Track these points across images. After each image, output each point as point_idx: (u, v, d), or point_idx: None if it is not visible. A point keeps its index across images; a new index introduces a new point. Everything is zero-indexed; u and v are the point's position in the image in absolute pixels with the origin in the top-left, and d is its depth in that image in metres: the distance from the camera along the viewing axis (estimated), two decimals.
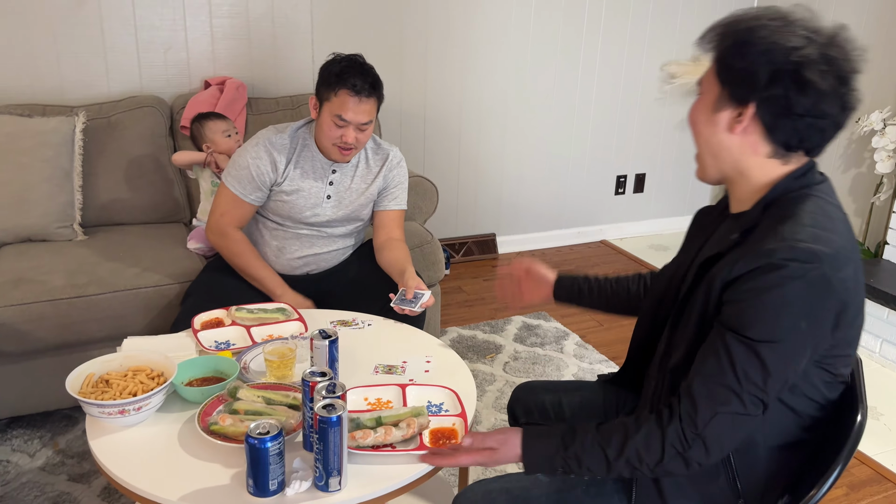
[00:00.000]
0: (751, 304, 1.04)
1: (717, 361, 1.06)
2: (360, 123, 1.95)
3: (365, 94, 1.93)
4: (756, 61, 1.07)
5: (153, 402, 1.43)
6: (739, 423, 1.06)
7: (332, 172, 2.09)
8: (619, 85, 3.83)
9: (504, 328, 3.01)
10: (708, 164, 1.19)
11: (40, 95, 2.79)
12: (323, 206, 2.09)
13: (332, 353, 1.52)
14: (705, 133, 1.16)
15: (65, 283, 2.15)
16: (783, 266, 1.01)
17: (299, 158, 2.07)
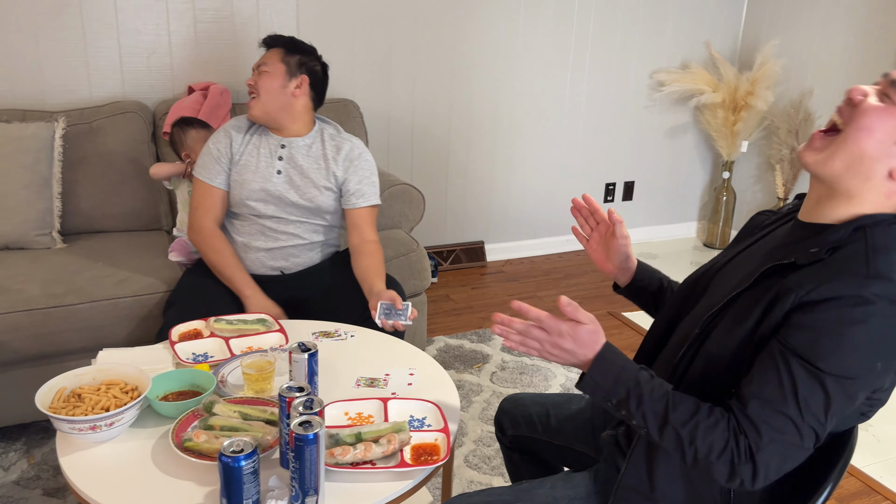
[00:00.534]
0: (829, 335, 0.97)
1: (780, 387, 0.99)
2: (258, 66, 2.08)
3: (266, 45, 2.13)
4: None
5: (126, 418, 1.39)
6: (791, 454, 1.00)
7: (281, 147, 2.11)
8: (609, 92, 3.82)
9: (492, 337, 2.98)
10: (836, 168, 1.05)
11: (21, 100, 2.74)
12: (273, 180, 2.09)
13: (312, 366, 1.48)
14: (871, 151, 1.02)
15: (41, 293, 2.10)
16: (873, 302, 0.95)
17: (253, 136, 2.13)
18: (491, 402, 2.50)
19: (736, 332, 1.07)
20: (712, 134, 3.97)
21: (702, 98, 3.80)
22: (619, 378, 1.08)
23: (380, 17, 3.22)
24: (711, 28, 3.92)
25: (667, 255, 4.01)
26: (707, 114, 3.91)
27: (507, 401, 1.65)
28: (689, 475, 1.15)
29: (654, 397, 1.06)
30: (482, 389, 2.59)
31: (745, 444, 1.00)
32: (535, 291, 3.47)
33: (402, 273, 2.46)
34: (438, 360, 2.77)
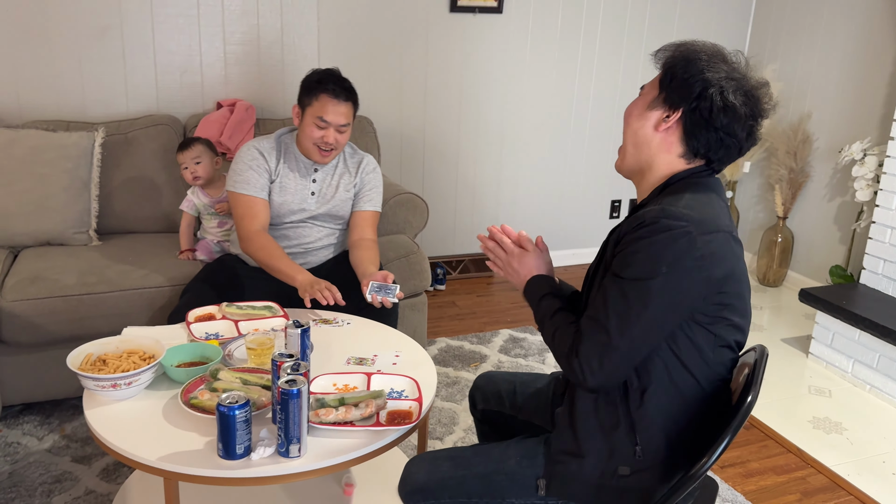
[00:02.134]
0: (626, 251, 1.24)
1: (596, 300, 1.27)
2: (339, 125, 2.19)
3: (343, 97, 2.18)
4: (695, 75, 1.29)
5: (142, 379, 1.61)
6: (606, 353, 1.24)
7: (315, 171, 2.31)
8: (614, 110, 4.00)
9: (491, 340, 3.16)
10: (628, 154, 1.40)
11: (65, 112, 3.03)
12: (308, 200, 2.31)
13: (304, 341, 1.69)
14: (634, 125, 1.37)
15: (76, 282, 2.35)
16: (654, 222, 1.22)
17: (286, 159, 2.29)
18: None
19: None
20: None
21: None
22: (535, 294, 1.46)
23: (394, 40, 3.46)
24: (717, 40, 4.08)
25: None
26: None
27: (481, 377, 1.82)
28: (605, 430, 1.33)
29: (546, 308, 1.40)
30: None
31: (577, 340, 1.27)
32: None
33: (403, 274, 2.66)
34: (438, 359, 2.96)
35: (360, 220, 2.35)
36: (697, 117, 1.29)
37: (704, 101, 1.28)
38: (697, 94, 1.29)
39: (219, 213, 2.65)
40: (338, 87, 2.18)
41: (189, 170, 2.61)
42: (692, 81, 1.29)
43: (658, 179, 1.36)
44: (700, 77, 1.29)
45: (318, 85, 2.19)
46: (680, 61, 1.33)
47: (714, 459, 1.22)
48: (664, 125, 1.32)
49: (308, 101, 2.20)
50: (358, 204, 2.37)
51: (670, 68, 1.34)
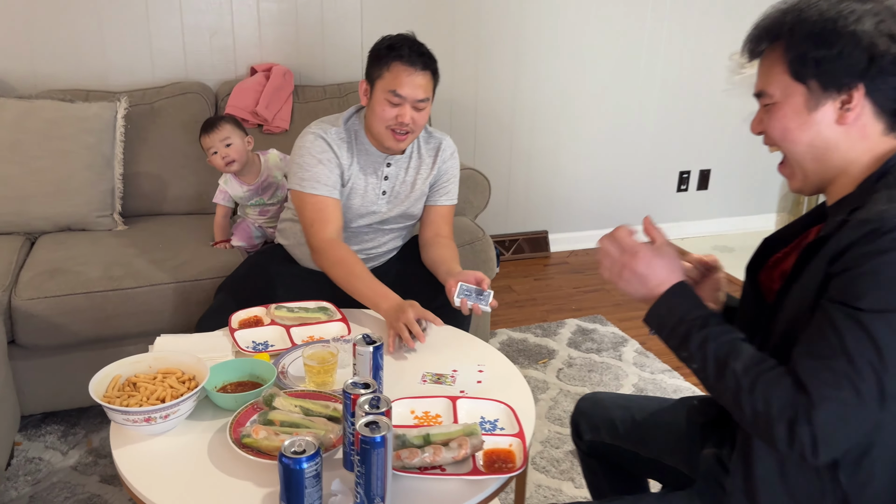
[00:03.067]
0: (860, 270, 0.90)
1: (825, 341, 0.91)
2: (416, 100, 1.79)
3: (419, 65, 1.78)
4: (848, 43, 0.97)
5: (182, 410, 1.31)
6: (853, 416, 0.89)
7: (387, 166, 1.94)
8: (685, 75, 3.61)
9: (557, 331, 2.84)
10: (809, 172, 1.06)
11: (84, 81, 2.72)
12: (378, 202, 1.95)
13: (377, 360, 1.37)
14: (805, 138, 1.03)
15: (101, 275, 2.06)
16: (893, 230, 0.89)
17: (356, 154, 1.91)
18: (558, 401, 2.37)
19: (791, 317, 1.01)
20: None
21: None
22: (687, 316, 1.04)
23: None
24: None
25: (744, 248, 3.78)
26: None
27: (584, 401, 1.51)
28: (795, 495, 1.01)
29: (719, 341, 1.00)
30: (548, 387, 2.45)
31: (805, 405, 0.90)
32: (602, 284, 3.31)
33: (467, 263, 2.33)
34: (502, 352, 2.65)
35: (435, 216, 2.01)
36: (884, 79, 0.98)
37: (880, 56, 0.96)
38: (868, 60, 0.97)
39: (258, 203, 2.34)
40: (413, 52, 1.77)
41: (219, 154, 2.24)
42: (848, 50, 0.97)
43: (862, 172, 1.03)
44: (855, 37, 0.97)
45: (390, 52, 1.80)
46: (807, 38, 0.99)
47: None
48: (849, 115, 1.00)
49: (377, 73, 1.82)
50: (433, 197, 2.01)
51: (801, 55, 1.00)
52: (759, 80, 1.07)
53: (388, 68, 1.80)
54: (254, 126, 2.70)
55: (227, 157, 2.24)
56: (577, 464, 2.07)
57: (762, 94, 1.07)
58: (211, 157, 2.26)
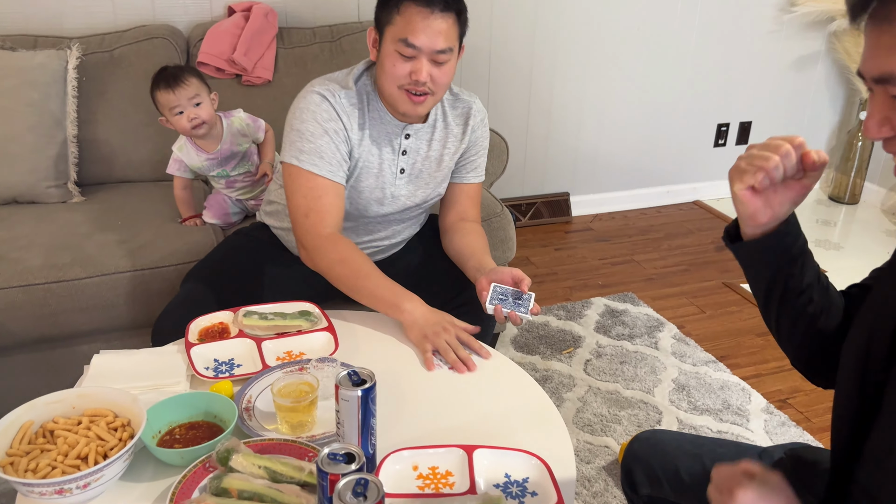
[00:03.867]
0: None
1: None
2: (434, 50, 1.40)
3: (438, 6, 1.38)
4: None
5: (107, 475, 0.98)
6: None
7: (405, 138, 1.55)
8: (726, 16, 3.16)
9: (583, 313, 2.49)
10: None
11: (34, 25, 2.32)
12: (396, 184, 1.57)
13: (367, 406, 1.03)
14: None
15: (42, 263, 1.72)
16: None
17: (369, 123, 1.52)
18: (587, 402, 2.04)
19: None
20: (850, 65, 3.28)
21: (843, 22, 3.12)
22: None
23: None
24: None
25: None
26: (847, 41, 3.23)
27: (639, 442, 1.18)
28: None
29: None
30: (575, 383, 2.12)
31: None
32: (632, 255, 2.95)
33: None
34: (520, 342, 2.32)
35: (460, 195, 1.64)
36: None
37: None
38: None
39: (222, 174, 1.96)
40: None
41: (186, 115, 1.83)
42: None
43: None
44: None
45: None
46: None
47: None
48: None
49: (387, 19, 1.42)
50: (458, 173, 1.63)
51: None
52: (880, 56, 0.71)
53: (398, 11, 1.40)
54: (231, 76, 2.32)
55: (195, 118, 1.84)
56: (612, 485, 1.75)
57: (887, 78, 0.70)
58: (173, 118, 1.85)
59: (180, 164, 1.93)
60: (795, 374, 2.18)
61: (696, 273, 2.80)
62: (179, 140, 1.92)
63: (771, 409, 2.04)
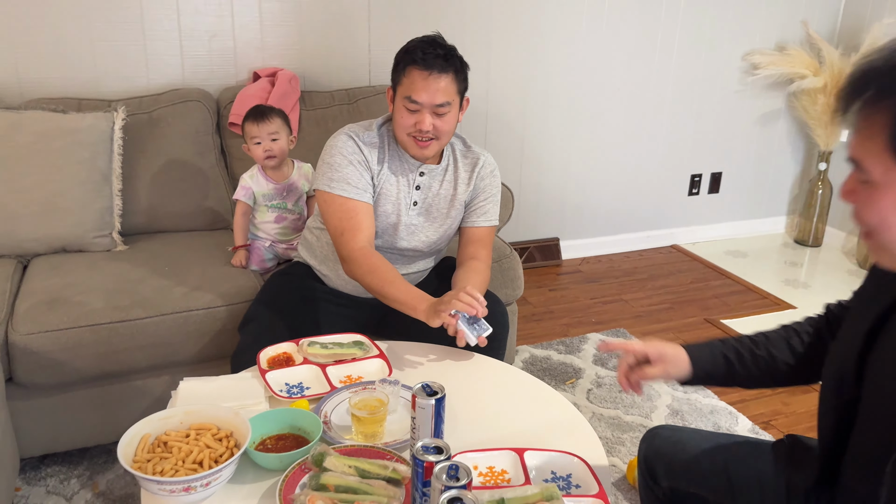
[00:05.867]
0: None
1: None
2: (434, 104, 1.66)
3: (437, 68, 1.65)
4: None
5: (224, 475, 1.17)
6: None
7: (420, 175, 1.80)
8: (697, 78, 3.50)
9: (580, 347, 2.72)
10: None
11: (73, 88, 2.53)
12: (409, 213, 1.81)
13: (439, 413, 1.24)
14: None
15: (105, 306, 1.89)
16: None
17: (387, 159, 1.78)
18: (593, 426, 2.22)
19: None
20: (809, 122, 3.63)
21: (802, 83, 3.47)
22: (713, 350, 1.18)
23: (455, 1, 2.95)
24: (808, 6, 3.57)
25: (756, 252, 3.70)
26: (804, 100, 3.58)
27: (661, 439, 1.37)
28: None
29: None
30: (580, 410, 2.33)
31: None
32: (620, 294, 3.19)
33: (494, 282, 2.20)
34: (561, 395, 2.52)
35: (472, 237, 1.86)
36: None
37: None
38: None
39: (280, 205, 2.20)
40: (429, 54, 1.65)
41: (263, 146, 2.12)
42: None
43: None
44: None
45: (406, 55, 1.68)
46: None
47: None
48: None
49: (397, 79, 1.70)
50: (470, 217, 1.87)
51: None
52: (855, 145, 0.89)
53: (405, 73, 1.69)
54: None
55: (269, 150, 2.14)
56: (622, 498, 1.95)
57: (857, 164, 0.90)
58: (252, 147, 2.14)
59: (247, 191, 2.17)
60: (776, 399, 2.42)
61: (679, 310, 3.05)
62: (252, 169, 2.18)
63: (757, 430, 2.26)
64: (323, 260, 1.90)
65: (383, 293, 1.64)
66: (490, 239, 1.89)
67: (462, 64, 1.72)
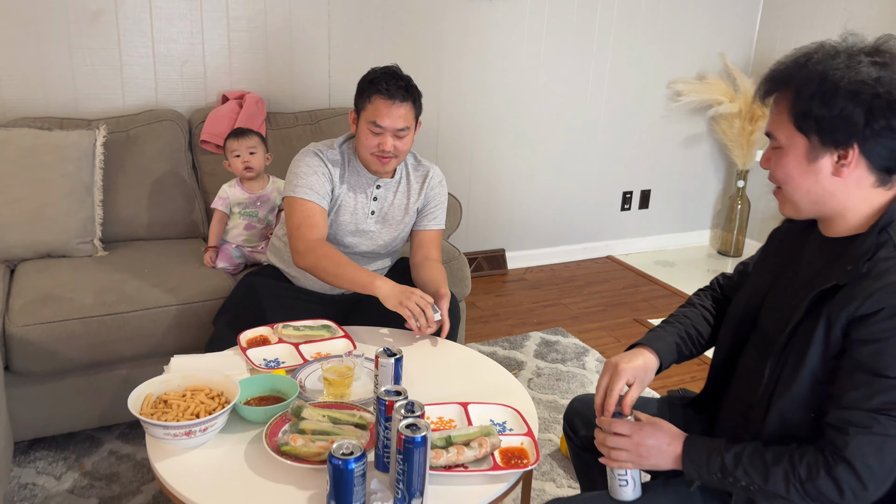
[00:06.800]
0: (888, 343, 1.06)
1: (857, 391, 1.08)
2: (395, 129, 1.93)
3: (399, 98, 1.92)
4: (846, 106, 1.10)
5: (219, 423, 1.40)
6: (885, 446, 1.06)
7: (377, 188, 2.07)
8: (627, 103, 3.87)
9: (523, 344, 3.00)
10: (803, 210, 1.21)
11: (54, 108, 2.73)
12: (367, 221, 2.07)
13: (398, 371, 1.50)
14: (805, 184, 1.17)
15: (94, 301, 2.10)
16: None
17: (349, 174, 2.04)
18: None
19: (804, 367, 1.15)
20: (727, 143, 4.03)
21: (719, 109, 3.87)
22: (711, 451, 1.20)
23: (407, 27, 3.25)
24: (726, 40, 3.99)
25: (683, 262, 4.06)
26: (723, 124, 3.98)
27: (577, 401, 1.66)
28: None
29: (748, 453, 1.16)
30: None
31: (832, 449, 1.08)
32: (559, 299, 3.50)
33: None
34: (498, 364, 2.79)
35: (424, 239, 2.13)
36: (879, 141, 1.12)
37: (876, 121, 1.10)
38: (864, 122, 1.10)
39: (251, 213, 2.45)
40: (392, 85, 1.92)
41: (242, 158, 2.41)
42: (847, 112, 1.10)
43: (860, 219, 1.17)
44: (851, 102, 1.10)
45: (371, 85, 1.94)
46: (812, 97, 1.12)
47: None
48: (845, 170, 1.14)
49: (362, 105, 1.96)
50: (421, 222, 2.14)
51: (805, 111, 1.13)
52: (770, 122, 1.20)
53: (369, 101, 1.94)
54: None
55: (247, 162, 2.42)
56: (557, 466, 2.22)
57: (771, 135, 1.20)
58: (232, 160, 2.42)
59: (224, 200, 2.43)
60: (696, 386, 2.73)
61: (611, 312, 3.37)
62: (231, 181, 2.45)
63: None
64: (290, 263, 2.14)
65: (338, 274, 1.85)
66: (439, 241, 2.16)
67: (418, 93, 2.00)
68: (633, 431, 1.26)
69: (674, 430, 1.26)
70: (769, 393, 1.22)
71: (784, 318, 1.23)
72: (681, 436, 1.25)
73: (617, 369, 1.34)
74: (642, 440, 1.25)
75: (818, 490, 1.09)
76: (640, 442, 1.25)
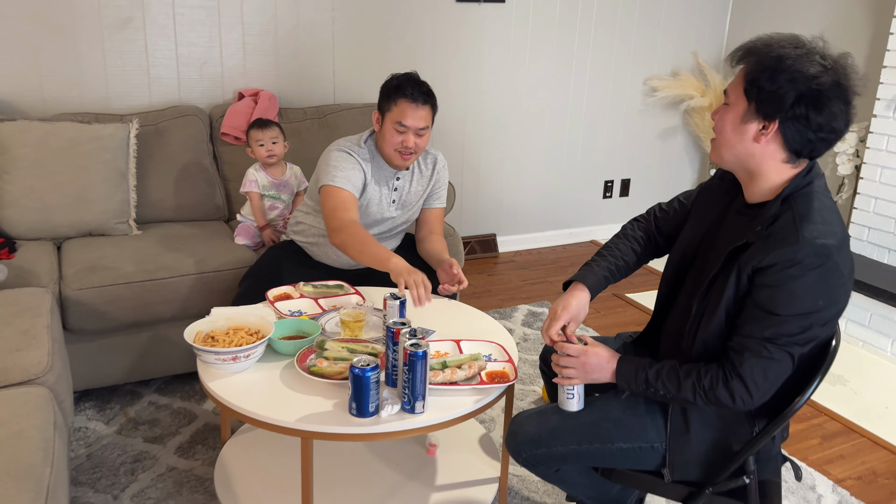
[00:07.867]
0: (779, 289, 1.33)
1: (754, 325, 1.37)
2: (417, 128, 2.22)
3: (421, 101, 2.22)
4: (784, 86, 1.31)
5: (258, 351, 1.72)
6: (771, 367, 1.36)
7: (397, 179, 2.36)
8: (607, 98, 4.21)
9: (512, 315, 3.32)
10: (727, 158, 1.45)
11: (88, 105, 3.05)
12: (390, 209, 2.37)
13: (402, 311, 1.82)
14: (732, 140, 1.41)
15: (136, 269, 2.41)
16: (802, 261, 1.31)
17: (373, 168, 2.32)
18: (519, 367, 2.84)
19: (721, 305, 1.44)
20: (700, 135, 4.37)
21: (691, 102, 4.20)
22: (638, 368, 1.50)
23: (403, 29, 3.57)
24: (698, 39, 4.33)
25: None
26: (695, 117, 4.32)
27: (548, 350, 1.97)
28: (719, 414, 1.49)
29: (666, 370, 1.47)
30: None
31: (730, 366, 1.39)
32: (546, 277, 3.82)
33: None
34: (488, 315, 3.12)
35: (430, 217, 2.44)
36: (795, 125, 1.33)
37: (799, 108, 1.31)
38: (791, 104, 1.31)
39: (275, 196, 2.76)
40: (416, 91, 2.20)
41: (265, 147, 2.70)
42: (782, 92, 1.31)
43: (773, 187, 1.41)
44: (789, 85, 1.30)
45: (397, 90, 2.22)
46: (764, 70, 1.33)
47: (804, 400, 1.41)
48: (763, 138, 1.36)
49: (387, 107, 2.24)
50: (428, 201, 2.44)
51: (755, 79, 1.34)
52: (729, 85, 1.42)
53: (395, 103, 2.22)
54: (244, 143, 3.09)
55: (270, 151, 2.72)
56: None
57: (726, 93, 1.43)
58: (256, 148, 2.71)
59: (254, 182, 2.73)
60: None
61: None
62: (254, 165, 2.74)
63: None
64: (312, 238, 2.45)
65: (362, 250, 2.11)
66: (442, 217, 2.48)
67: (435, 97, 2.29)
68: (580, 353, 1.56)
69: (612, 352, 1.57)
70: (696, 326, 1.52)
71: (709, 266, 1.53)
72: (616, 356, 1.55)
73: (556, 315, 1.63)
74: (587, 360, 1.55)
75: (717, 397, 1.41)
76: (585, 361, 1.55)
